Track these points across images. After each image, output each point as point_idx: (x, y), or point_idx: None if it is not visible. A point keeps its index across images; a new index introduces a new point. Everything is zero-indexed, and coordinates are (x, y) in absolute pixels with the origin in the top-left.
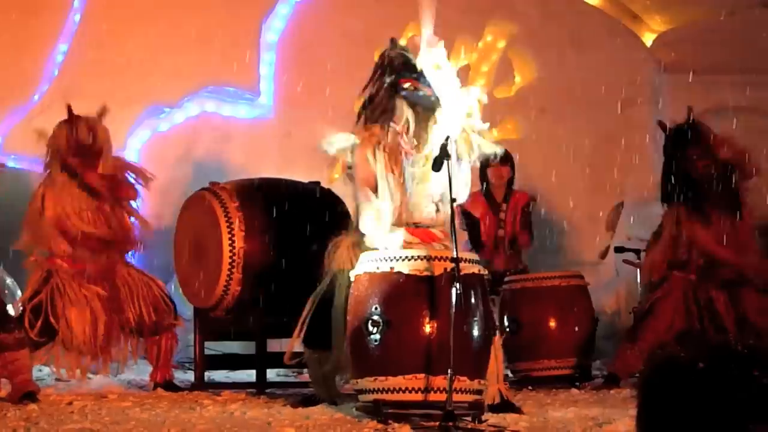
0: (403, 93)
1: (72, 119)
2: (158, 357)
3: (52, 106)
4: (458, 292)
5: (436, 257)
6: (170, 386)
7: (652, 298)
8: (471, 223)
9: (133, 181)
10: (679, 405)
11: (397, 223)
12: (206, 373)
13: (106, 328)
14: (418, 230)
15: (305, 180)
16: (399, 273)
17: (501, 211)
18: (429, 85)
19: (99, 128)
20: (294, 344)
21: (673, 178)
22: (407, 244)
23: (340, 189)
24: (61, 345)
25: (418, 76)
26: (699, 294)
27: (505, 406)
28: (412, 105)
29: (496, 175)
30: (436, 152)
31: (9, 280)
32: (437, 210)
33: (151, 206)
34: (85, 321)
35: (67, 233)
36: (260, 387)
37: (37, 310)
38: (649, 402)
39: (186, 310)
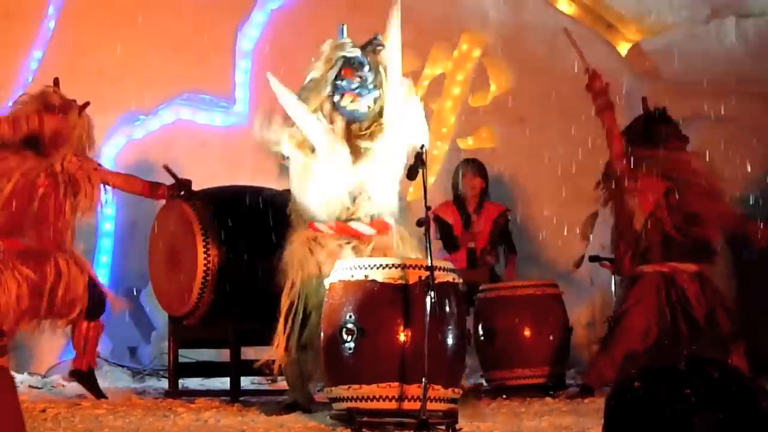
0: (341, 109)
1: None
2: (85, 345)
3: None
4: (433, 300)
5: (410, 265)
6: (86, 376)
7: (625, 306)
8: (443, 227)
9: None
10: (623, 423)
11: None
12: (180, 381)
13: (24, 313)
14: (337, 224)
15: (280, 188)
16: (373, 281)
17: (471, 222)
18: (371, 88)
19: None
20: (274, 351)
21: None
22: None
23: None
24: None
25: (361, 79)
26: (671, 290)
27: None
28: (350, 121)
29: (468, 185)
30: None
31: None
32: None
33: (125, 214)
34: (9, 302)
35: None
36: (234, 395)
37: None
38: (605, 417)
39: (160, 317)
